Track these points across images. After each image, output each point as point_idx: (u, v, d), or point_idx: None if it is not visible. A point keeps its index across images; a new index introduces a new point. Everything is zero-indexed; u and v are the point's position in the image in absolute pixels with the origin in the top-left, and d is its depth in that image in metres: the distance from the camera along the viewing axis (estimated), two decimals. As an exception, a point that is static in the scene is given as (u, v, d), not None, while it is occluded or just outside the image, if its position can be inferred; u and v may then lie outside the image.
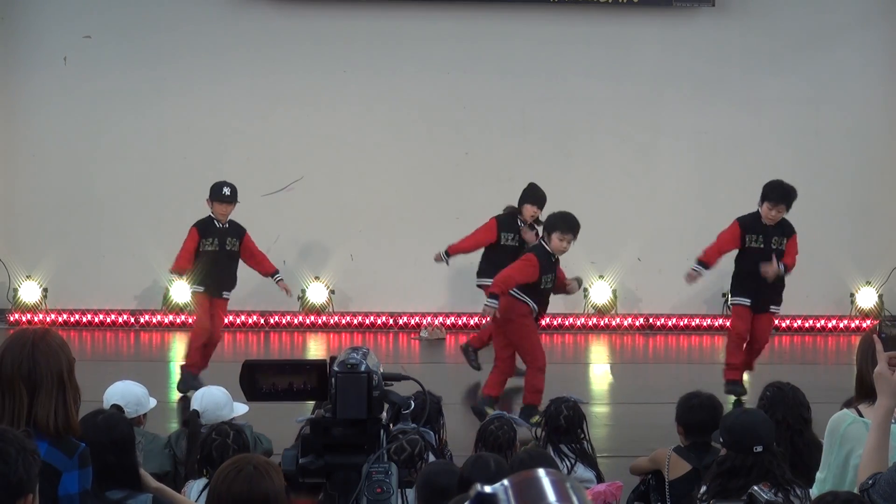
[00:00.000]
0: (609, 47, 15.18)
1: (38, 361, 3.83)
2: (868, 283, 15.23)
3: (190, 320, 14.28)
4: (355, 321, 14.81)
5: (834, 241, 15.18)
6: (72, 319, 14.56)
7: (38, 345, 3.87)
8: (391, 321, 14.80)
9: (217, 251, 11.00)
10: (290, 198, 15.07)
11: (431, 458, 6.25)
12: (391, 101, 15.04)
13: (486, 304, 9.86)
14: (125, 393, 7.44)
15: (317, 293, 14.92)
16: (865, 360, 4.88)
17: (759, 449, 5.44)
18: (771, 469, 5.44)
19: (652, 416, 9.85)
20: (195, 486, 5.89)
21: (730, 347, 11.16)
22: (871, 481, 3.96)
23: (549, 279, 10.02)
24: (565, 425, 6.91)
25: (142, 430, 7.17)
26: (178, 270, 11.24)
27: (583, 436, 6.97)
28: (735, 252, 11.30)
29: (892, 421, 4.70)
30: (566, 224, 10.06)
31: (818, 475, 4.95)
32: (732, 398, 10.70)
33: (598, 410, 10.93)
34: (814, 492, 4.94)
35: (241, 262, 11.39)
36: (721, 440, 5.59)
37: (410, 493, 5.32)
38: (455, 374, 12.55)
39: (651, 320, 15.03)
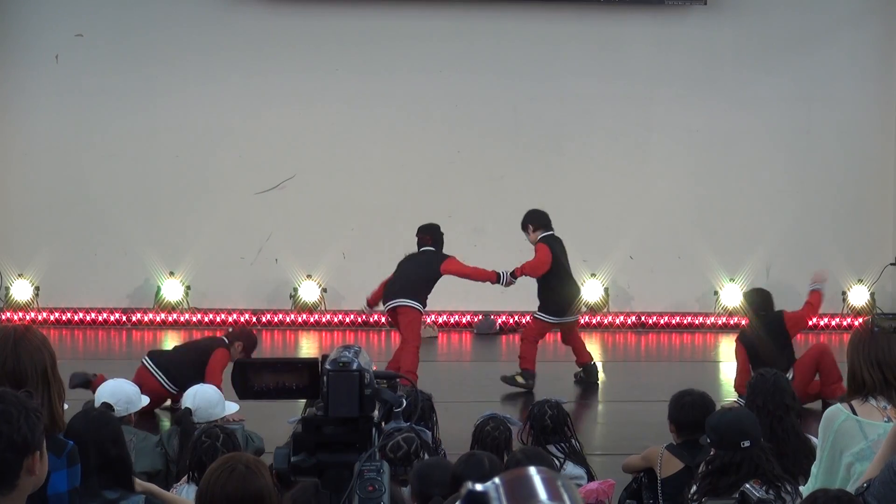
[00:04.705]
0: (601, 46, 15.19)
1: (22, 359, 3.82)
2: (860, 281, 15.25)
3: (183, 318, 14.31)
4: (347, 319, 14.80)
5: (825, 239, 15.21)
6: (64, 318, 14.55)
7: (20, 342, 3.85)
8: (383, 319, 14.78)
9: None
10: (283, 196, 15.07)
11: (426, 457, 6.24)
12: (384, 99, 15.04)
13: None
14: (116, 391, 7.46)
15: (309, 291, 14.92)
16: (857, 355, 4.88)
17: (747, 444, 5.44)
18: (760, 465, 5.44)
19: (644, 414, 9.85)
20: (185, 490, 5.84)
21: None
22: (865, 484, 3.99)
23: None
24: (552, 425, 6.92)
25: (132, 428, 7.17)
26: None
27: (570, 434, 6.98)
28: None
29: (891, 420, 4.71)
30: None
31: (812, 468, 4.95)
32: (727, 397, 10.67)
33: (591, 408, 10.94)
34: (808, 485, 4.94)
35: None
36: (708, 440, 5.59)
37: (405, 492, 5.32)
38: (447, 372, 12.57)
39: (643, 318, 15.05)
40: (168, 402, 10.12)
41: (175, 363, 9.99)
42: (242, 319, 14.62)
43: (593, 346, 14.40)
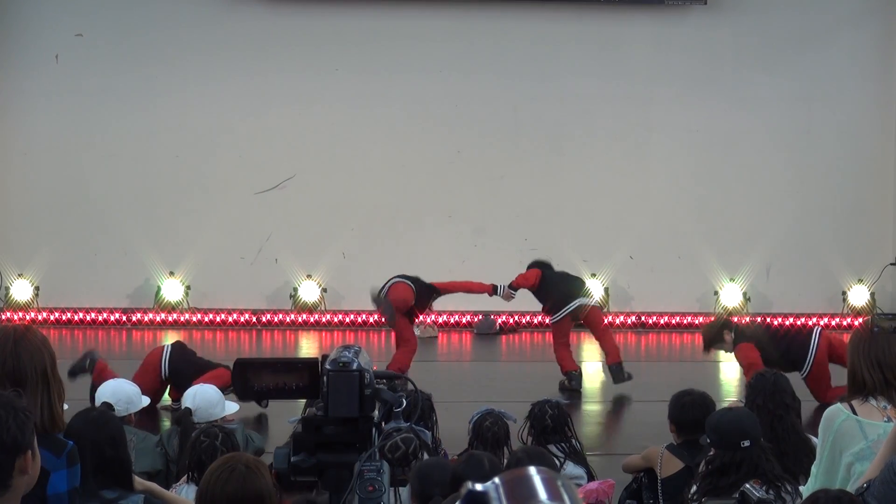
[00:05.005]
0: (601, 46, 15.19)
1: (22, 359, 3.81)
2: (860, 280, 15.25)
3: (183, 318, 14.30)
4: (347, 319, 14.80)
5: (826, 239, 15.21)
6: (64, 318, 14.54)
7: (20, 342, 3.84)
8: (383, 319, 14.77)
9: None
10: (283, 196, 15.06)
11: (426, 457, 6.24)
12: (384, 99, 15.04)
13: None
14: (116, 391, 7.46)
15: (309, 291, 14.92)
16: (857, 355, 4.87)
17: (747, 443, 5.44)
18: (760, 465, 5.43)
19: (644, 414, 9.85)
20: (185, 490, 5.83)
21: None
22: (865, 485, 3.98)
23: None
24: (552, 424, 6.92)
25: (132, 428, 7.16)
26: None
27: (570, 434, 6.98)
28: None
29: (891, 420, 4.70)
30: None
31: (812, 468, 4.95)
32: (727, 397, 10.66)
33: (591, 408, 10.93)
34: (808, 485, 4.93)
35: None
36: (708, 440, 5.58)
37: (404, 492, 5.31)
38: (447, 372, 12.56)
39: (643, 318, 15.04)
40: (169, 402, 10.16)
41: (183, 358, 10.16)
42: (242, 319, 14.62)
43: (593, 346, 14.42)
